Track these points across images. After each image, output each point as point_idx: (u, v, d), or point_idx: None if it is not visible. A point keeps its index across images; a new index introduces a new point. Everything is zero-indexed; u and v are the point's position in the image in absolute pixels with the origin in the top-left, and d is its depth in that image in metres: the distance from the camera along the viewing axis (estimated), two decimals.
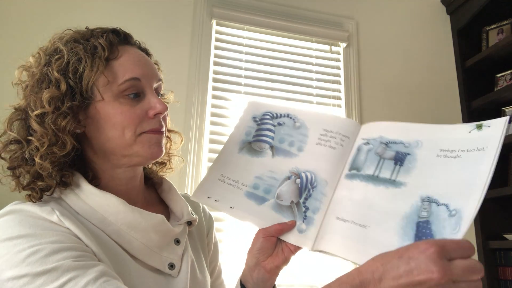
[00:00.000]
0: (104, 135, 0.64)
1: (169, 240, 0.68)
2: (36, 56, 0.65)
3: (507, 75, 2.03)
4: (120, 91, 0.64)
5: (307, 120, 0.76)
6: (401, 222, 0.57)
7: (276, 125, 0.77)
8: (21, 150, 0.62)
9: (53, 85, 0.61)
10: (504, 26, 2.08)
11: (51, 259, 0.52)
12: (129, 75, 0.64)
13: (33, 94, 0.62)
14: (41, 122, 0.60)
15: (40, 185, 0.61)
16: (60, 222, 0.57)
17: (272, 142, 0.76)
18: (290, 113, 0.78)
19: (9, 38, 1.59)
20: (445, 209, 0.54)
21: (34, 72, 0.63)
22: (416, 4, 2.27)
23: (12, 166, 0.62)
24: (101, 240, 0.61)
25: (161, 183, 0.78)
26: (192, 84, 1.78)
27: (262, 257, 0.69)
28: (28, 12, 1.65)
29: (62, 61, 0.62)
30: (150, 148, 0.65)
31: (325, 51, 2.05)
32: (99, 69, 0.62)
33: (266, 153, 0.75)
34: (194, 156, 1.71)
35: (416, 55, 2.18)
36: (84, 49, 0.63)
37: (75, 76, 0.62)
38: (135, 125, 0.64)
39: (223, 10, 1.89)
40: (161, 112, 0.66)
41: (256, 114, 0.82)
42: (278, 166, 0.73)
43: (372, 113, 2.01)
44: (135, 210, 0.64)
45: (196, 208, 0.82)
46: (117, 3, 1.78)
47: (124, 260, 0.62)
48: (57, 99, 0.60)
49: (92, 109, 0.64)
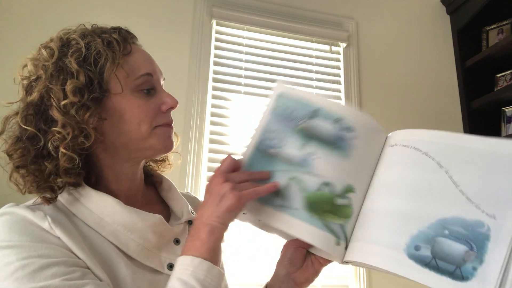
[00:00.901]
0: (119, 129, 0.64)
1: (168, 240, 0.67)
2: (46, 50, 0.64)
3: (507, 75, 2.03)
4: (136, 86, 0.65)
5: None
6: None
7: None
8: (34, 147, 0.61)
9: (74, 76, 0.61)
10: (504, 26, 2.08)
11: (39, 275, 0.52)
12: (144, 70, 0.67)
13: (52, 86, 0.60)
14: (66, 113, 0.60)
15: (60, 181, 0.60)
16: (51, 230, 0.57)
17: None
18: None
19: (8, 37, 1.59)
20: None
21: (47, 65, 0.62)
22: (416, 4, 2.27)
23: (21, 165, 0.61)
24: (95, 244, 0.60)
25: (161, 182, 0.78)
26: (192, 84, 1.78)
27: (292, 268, 0.69)
28: (27, 9, 1.65)
29: (80, 53, 0.62)
30: (164, 141, 0.67)
31: (325, 51, 2.05)
32: (119, 62, 0.64)
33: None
34: (194, 156, 1.71)
35: (416, 55, 2.18)
36: (102, 42, 0.63)
37: (95, 68, 0.62)
38: (150, 119, 0.66)
39: (223, 10, 1.89)
40: (173, 106, 0.69)
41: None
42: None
43: (372, 113, 1.97)
44: (131, 210, 0.63)
45: (197, 206, 0.81)
46: (117, 3, 1.78)
47: (119, 262, 0.61)
48: (79, 90, 0.61)
49: (108, 102, 0.64)
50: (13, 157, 0.61)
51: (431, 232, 0.54)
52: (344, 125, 0.65)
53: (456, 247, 0.52)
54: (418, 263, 0.52)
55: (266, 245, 1.64)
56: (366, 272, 1.78)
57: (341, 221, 0.61)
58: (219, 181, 0.59)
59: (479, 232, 0.51)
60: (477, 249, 0.50)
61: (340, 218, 0.61)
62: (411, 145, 0.63)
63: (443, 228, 0.54)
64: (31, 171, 0.61)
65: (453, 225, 0.53)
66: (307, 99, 0.68)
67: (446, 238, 0.53)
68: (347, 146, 0.64)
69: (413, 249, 0.54)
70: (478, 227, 0.52)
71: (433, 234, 0.54)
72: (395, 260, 0.54)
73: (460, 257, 0.51)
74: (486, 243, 0.50)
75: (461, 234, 0.52)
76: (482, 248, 0.50)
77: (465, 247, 0.51)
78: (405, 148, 0.63)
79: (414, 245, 0.54)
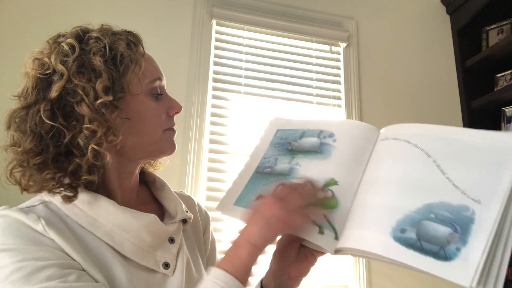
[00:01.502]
0: (134, 130, 0.65)
1: (163, 239, 0.67)
2: (64, 45, 0.62)
3: (507, 75, 2.03)
4: (150, 89, 0.67)
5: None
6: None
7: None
8: (56, 143, 0.60)
9: (101, 75, 0.61)
10: (504, 26, 2.08)
11: (35, 278, 0.51)
12: (156, 74, 0.69)
13: (80, 82, 0.59)
14: (97, 111, 0.60)
15: (82, 179, 0.60)
16: (45, 232, 0.56)
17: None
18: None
19: (6, 36, 1.59)
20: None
21: (67, 61, 0.61)
22: (416, 4, 2.27)
23: (43, 162, 0.59)
24: (90, 245, 0.60)
25: (154, 181, 0.78)
26: (192, 84, 1.78)
27: (285, 263, 0.70)
28: (27, 7, 1.65)
29: (104, 52, 0.62)
30: (171, 144, 0.70)
31: (325, 51, 2.05)
32: (142, 65, 0.65)
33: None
34: (194, 156, 1.71)
35: (416, 55, 2.18)
36: (125, 44, 0.64)
37: (120, 68, 0.63)
38: (162, 122, 0.68)
39: (223, 10, 1.89)
40: (178, 111, 0.71)
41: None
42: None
43: (372, 113, 2.01)
44: (125, 210, 0.63)
45: (191, 206, 0.81)
46: (117, 3, 1.78)
47: (115, 263, 0.61)
48: (107, 89, 0.61)
49: (125, 103, 0.64)
50: (30, 155, 0.59)
51: (417, 216, 0.56)
52: (325, 134, 0.75)
53: (441, 229, 0.53)
54: (403, 244, 0.54)
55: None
56: (366, 272, 1.78)
57: (324, 212, 0.66)
58: (273, 204, 0.60)
59: (464, 216, 0.53)
60: (461, 231, 0.52)
61: (321, 210, 0.66)
62: (402, 138, 0.65)
63: (429, 212, 0.55)
64: (52, 169, 0.59)
65: (439, 209, 0.55)
66: (297, 126, 0.81)
67: (431, 222, 0.54)
68: (327, 149, 0.73)
69: (399, 232, 0.56)
70: (463, 211, 0.53)
71: (419, 217, 0.56)
72: (382, 243, 0.56)
73: (444, 239, 0.52)
74: (471, 226, 0.52)
75: (446, 218, 0.54)
76: (467, 230, 0.52)
77: (450, 229, 0.53)
78: (396, 141, 0.66)
79: (400, 228, 0.56)
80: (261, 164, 0.79)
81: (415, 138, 0.64)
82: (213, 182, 1.72)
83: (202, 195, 1.69)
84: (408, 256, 0.53)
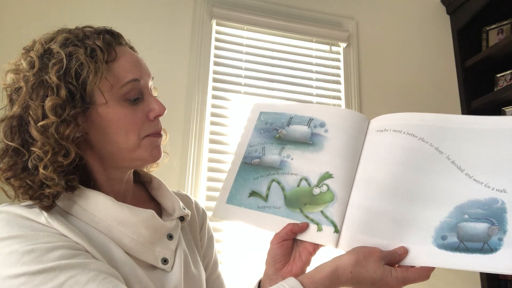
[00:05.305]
0: (107, 139, 0.64)
1: (161, 235, 0.68)
2: (27, 59, 0.62)
3: (507, 75, 2.03)
4: (122, 94, 0.64)
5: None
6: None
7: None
8: (20, 160, 0.60)
9: (53, 92, 0.59)
10: (504, 26, 2.08)
11: (47, 257, 0.52)
12: (130, 76, 0.64)
13: (31, 102, 0.59)
14: (44, 132, 0.59)
15: (49, 192, 0.59)
16: (48, 223, 0.57)
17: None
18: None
19: (6, 35, 1.59)
20: None
21: (27, 77, 0.60)
22: (416, 4, 2.27)
23: (10, 176, 0.60)
24: (92, 237, 0.61)
25: (150, 181, 0.78)
26: (192, 84, 1.78)
27: (278, 264, 0.68)
28: (21, 6, 1.65)
29: (61, 66, 0.60)
30: (152, 151, 0.67)
31: (325, 51, 2.05)
32: (103, 74, 0.61)
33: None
34: (194, 156, 1.71)
35: (416, 55, 2.18)
36: (84, 53, 0.61)
37: (77, 81, 0.60)
38: (138, 129, 0.65)
39: (223, 10, 1.89)
40: (161, 114, 0.67)
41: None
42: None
43: (372, 113, 1.99)
44: (123, 206, 0.64)
45: (188, 203, 0.82)
46: (117, 3, 1.78)
47: (118, 252, 0.61)
48: (59, 107, 0.59)
49: (93, 113, 0.63)
50: (1, 168, 0.61)
51: (452, 220, 0.57)
52: (316, 123, 0.73)
53: (479, 226, 0.55)
54: (448, 250, 0.56)
55: (265, 245, 1.63)
56: None
57: (321, 208, 0.66)
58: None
59: (496, 208, 0.55)
60: (498, 223, 0.54)
61: (318, 206, 0.67)
62: (404, 130, 0.65)
63: (462, 213, 0.57)
64: (23, 182, 0.60)
65: (470, 209, 0.57)
66: (283, 110, 0.78)
67: (467, 222, 0.56)
68: (319, 140, 0.71)
69: (441, 239, 0.57)
70: (493, 204, 0.56)
71: (455, 221, 0.57)
72: (428, 254, 0.57)
73: (485, 234, 0.54)
74: (504, 215, 0.54)
75: (480, 214, 0.56)
76: (503, 220, 0.54)
77: (487, 224, 0.55)
78: (398, 134, 0.65)
79: (441, 236, 0.57)
80: (248, 153, 0.77)
81: (420, 130, 0.63)
82: (213, 182, 1.72)
83: (202, 195, 1.69)
84: (457, 259, 0.55)
